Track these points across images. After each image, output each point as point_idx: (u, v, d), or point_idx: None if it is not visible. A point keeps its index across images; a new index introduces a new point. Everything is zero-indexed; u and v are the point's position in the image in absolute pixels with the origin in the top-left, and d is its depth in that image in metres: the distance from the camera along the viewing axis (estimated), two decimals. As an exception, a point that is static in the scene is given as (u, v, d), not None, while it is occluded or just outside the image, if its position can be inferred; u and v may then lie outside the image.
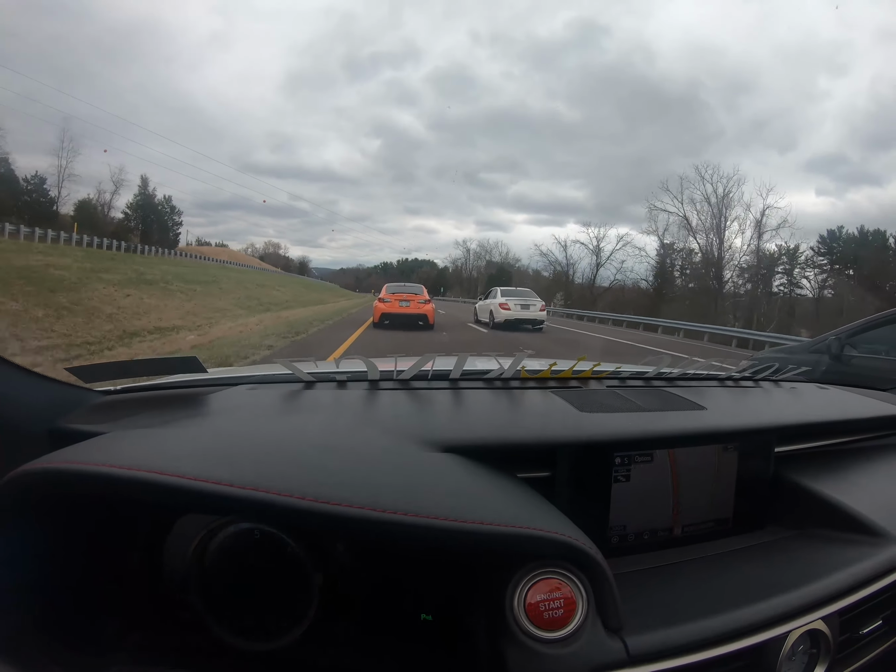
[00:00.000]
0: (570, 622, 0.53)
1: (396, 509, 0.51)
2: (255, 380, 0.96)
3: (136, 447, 0.60)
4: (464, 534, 0.51)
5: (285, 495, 0.50)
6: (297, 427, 0.72)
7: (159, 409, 0.78)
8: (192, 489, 0.50)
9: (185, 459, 0.55)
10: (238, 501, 0.50)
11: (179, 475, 0.50)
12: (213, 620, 0.61)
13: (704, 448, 0.81)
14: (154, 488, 0.50)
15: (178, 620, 0.61)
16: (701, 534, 0.81)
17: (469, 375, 0.97)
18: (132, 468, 0.51)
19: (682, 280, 35.73)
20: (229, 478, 0.51)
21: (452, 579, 0.61)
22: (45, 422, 0.69)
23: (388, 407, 0.83)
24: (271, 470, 0.55)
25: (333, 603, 0.62)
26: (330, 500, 0.51)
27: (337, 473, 0.57)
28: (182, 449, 0.60)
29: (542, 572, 0.55)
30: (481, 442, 0.70)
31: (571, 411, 0.81)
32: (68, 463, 0.52)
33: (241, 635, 0.61)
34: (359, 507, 0.51)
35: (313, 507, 0.50)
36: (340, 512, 0.50)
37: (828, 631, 0.62)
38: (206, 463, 0.55)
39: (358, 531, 0.52)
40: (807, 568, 0.71)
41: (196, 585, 0.61)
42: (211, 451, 0.59)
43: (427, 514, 0.51)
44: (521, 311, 12.50)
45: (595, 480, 0.74)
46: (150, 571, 0.63)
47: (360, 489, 0.54)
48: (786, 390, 1.13)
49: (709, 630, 0.58)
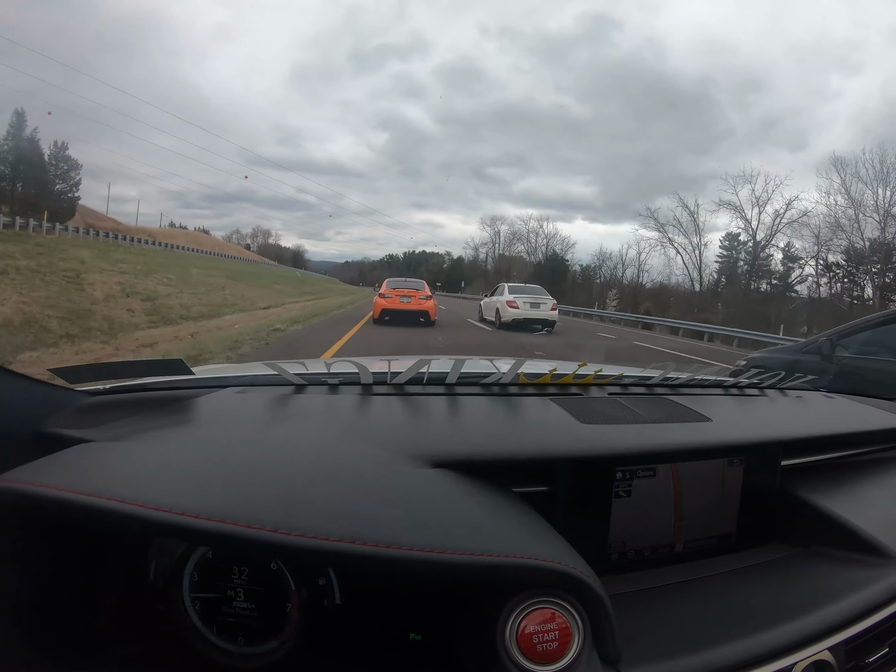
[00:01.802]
0: (564, 655, 0.50)
1: (372, 540, 0.48)
2: (243, 381, 0.94)
3: (105, 466, 0.58)
4: (456, 566, 0.49)
5: (255, 528, 0.47)
6: (283, 441, 0.69)
7: (143, 413, 0.76)
8: (155, 520, 0.47)
9: (155, 483, 0.53)
10: (205, 534, 0.47)
11: (143, 504, 0.47)
12: (194, 635, 0.59)
13: (709, 462, 0.78)
14: (115, 517, 0.48)
15: (162, 635, 0.59)
16: (703, 550, 0.78)
17: (466, 379, 0.95)
18: (93, 494, 0.48)
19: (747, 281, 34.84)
20: (196, 508, 0.48)
21: (441, 603, 0.59)
22: (30, 424, 0.68)
23: (380, 416, 0.81)
24: (246, 497, 0.52)
25: (318, 617, 0.60)
26: (306, 532, 0.47)
27: (319, 500, 0.54)
28: (155, 469, 0.57)
29: (537, 601, 0.52)
30: (477, 457, 0.67)
31: (572, 422, 0.78)
32: (28, 484, 0.50)
33: (223, 650, 0.59)
34: (339, 541, 0.47)
35: (287, 540, 0.47)
36: (317, 546, 0.47)
37: (833, 661, 0.60)
38: (175, 488, 0.52)
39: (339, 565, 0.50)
40: (812, 591, 0.68)
41: (178, 599, 0.59)
42: (184, 473, 0.57)
43: (415, 546, 0.48)
44: (530, 309, 11.65)
45: (595, 496, 0.71)
46: (132, 583, 0.61)
47: (343, 519, 0.50)
48: (792, 399, 1.10)
49: (711, 663, 0.55)
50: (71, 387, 0.80)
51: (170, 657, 0.59)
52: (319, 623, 0.60)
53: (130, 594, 0.62)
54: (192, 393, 0.84)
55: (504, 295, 12.27)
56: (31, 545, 0.55)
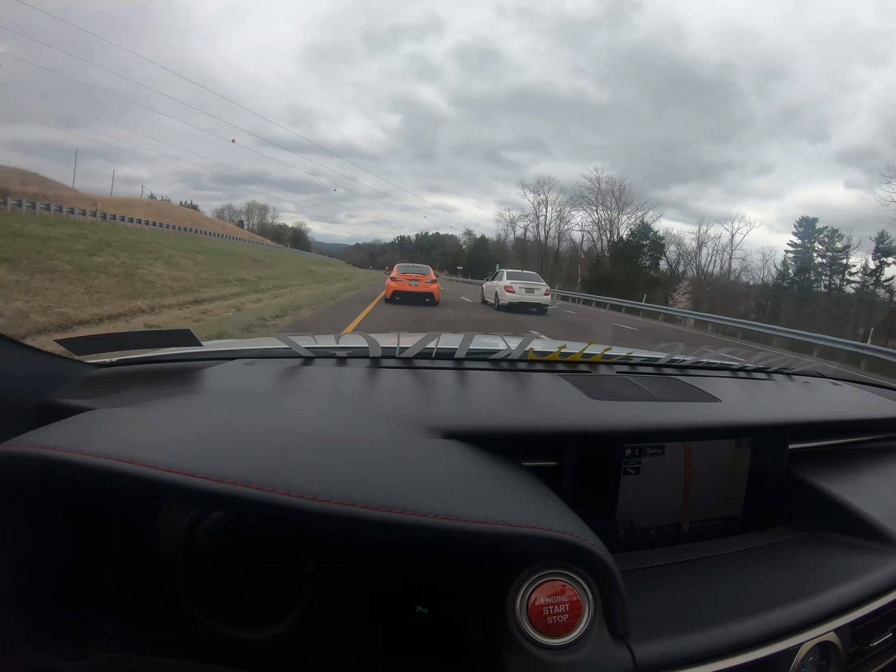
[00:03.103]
0: (574, 628, 0.50)
1: (393, 507, 0.47)
2: (252, 354, 0.93)
3: (113, 431, 0.57)
4: (467, 534, 0.48)
5: (267, 490, 0.46)
6: (291, 409, 0.69)
7: (151, 384, 0.75)
8: (165, 481, 0.46)
9: (164, 446, 0.52)
10: (215, 496, 0.46)
11: (152, 465, 0.46)
12: (199, 607, 0.58)
13: (719, 442, 0.78)
14: (124, 479, 0.47)
15: (165, 606, 0.59)
16: (709, 531, 0.78)
17: (475, 355, 0.94)
18: (101, 456, 0.47)
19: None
20: (206, 469, 0.47)
21: (449, 573, 0.58)
22: (35, 395, 0.67)
23: (389, 387, 0.80)
24: (257, 460, 0.51)
25: (325, 590, 0.59)
26: (318, 496, 0.46)
27: (330, 465, 0.53)
28: (164, 433, 0.57)
29: (547, 573, 0.51)
30: (487, 429, 0.66)
31: (582, 398, 0.78)
32: (35, 447, 0.49)
33: (228, 623, 0.58)
34: (351, 505, 0.46)
35: (299, 503, 0.46)
36: (330, 510, 0.46)
37: (839, 643, 0.60)
38: (185, 451, 0.51)
39: (351, 530, 0.49)
40: (817, 575, 0.68)
41: (183, 570, 0.58)
42: (195, 437, 0.56)
43: (428, 513, 0.48)
44: (525, 294, 12.70)
45: (604, 472, 0.70)
46: (135, 556, 0.60)
47: (355, 484, 0.50)
48: (799, 385, 1.09)
49: (718, 640, 0.55)
50: (77, 358, 0.80)
51: (172, 631, 0.59)
52: (326, 596, 0.60)
53: (131, 567, 0.61)
54: (199, 364, 0.84)
55: (503, 280, 13.17)
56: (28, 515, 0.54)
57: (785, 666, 0.57)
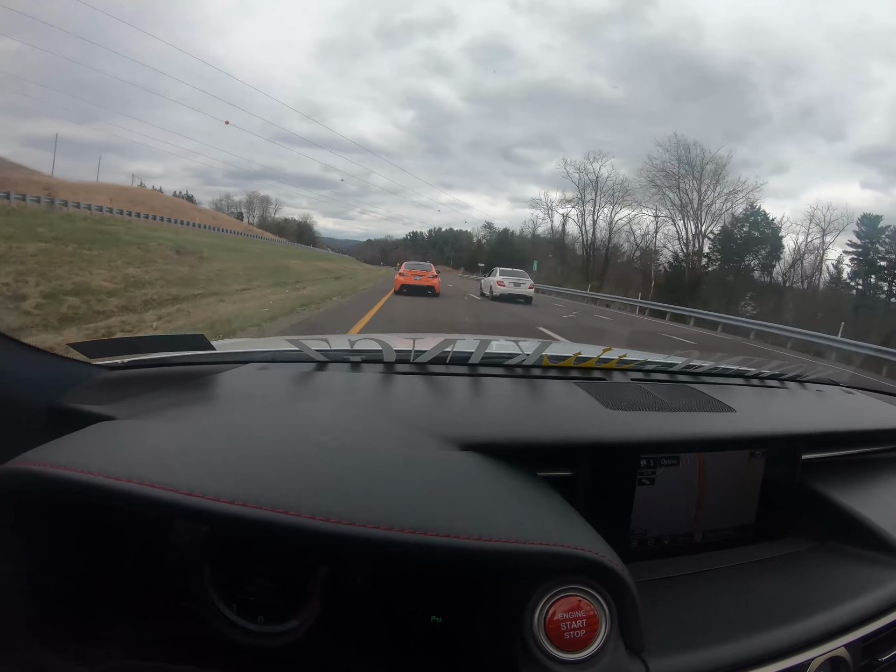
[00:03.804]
0: (591, 643, 0.50)
1: (409, 527, 0.47)
2: (265, 357, 0.93)
3: (129, 447, 0.57)
4: (486, 553, 0.48)
5: (292, 514, 0.46)
6: (306, 421, 0.69)
7: (163, 389, 0.75)
8: (187, 506, 0.46)
9: (179, 466, 0.52)
10: (241, 521, 0.46)
11: (174, 489, 0.47)
12: (213, 612, 0.58)
13: (732, 453, 0.78)
14: (145, 502, 0.47)
15: (179, 612, 0.59)
16: (721, 541, 0.78)
17: (490, 360, 0.94)
18: (120, 479, 0.47)
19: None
20: (231, 493, 0.47)
21: (463, 586, 0.58)
22: (47, 399, 0.67)
23: (404, 395, 0.80)
24: (283, 482, 0.51)
25: (339, 597, 0.60)
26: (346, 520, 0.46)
27: (356, 486, 0.53)
28: (178, 450, 0.56)
29: (565, 589, 0.51)
30: (504, 440, 0.66)
31: (598, 408, 0.77)
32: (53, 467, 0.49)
33: (240, 630, 0.58)
34: (372, 527, 0.47)
35: (330, 528, 0.46)
36: (351, 533, 0.46)
37: (849, 658, 0.60)
38: (203, 472, 0.51)
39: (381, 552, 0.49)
40: (829, 587, 0.68)
41: (197, 575, 0.59)
42: (209, 455, 0.56)
43: (453, 533, 0.48)
44: (513, 287, 15.71)
45: (619, 483, 0.71)
46: (149, 562, 0.60)
47: (372, 505, 0.50)
48: (812, 393, 1.09)
49: (732, 655, 0.55)
50: (89, 361, 0.79)
51: (184, 636, 0.59)
52: (340, 603, 0.60)
53: (144, 572, 0.61)
54: (212, 368, 0.83)
55: (496, 276, 16.42)
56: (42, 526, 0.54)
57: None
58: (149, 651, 0.57)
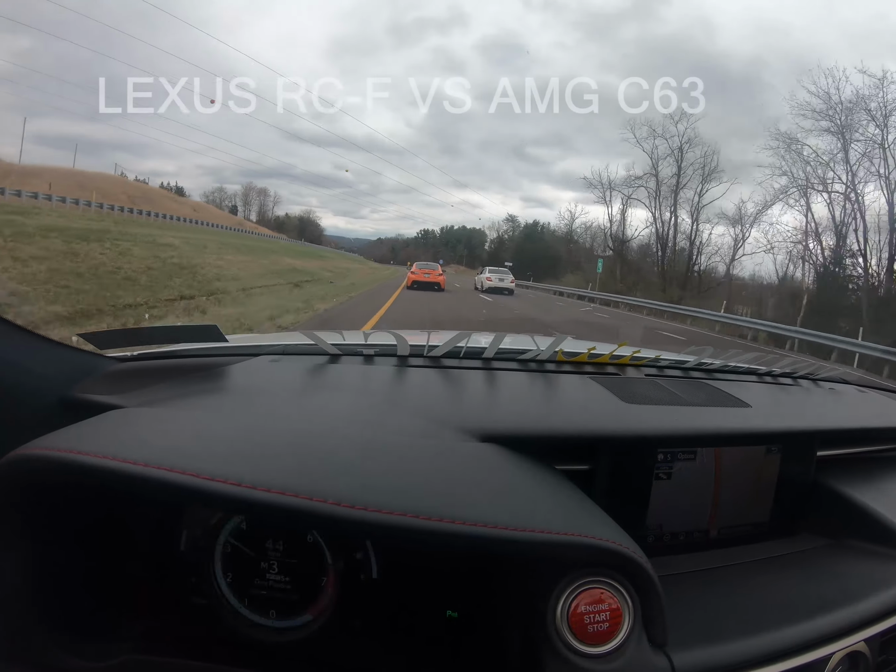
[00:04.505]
0: (615, 636, 0.50)
1: (435, 515, 0.46)
2: (278, 350, 0.92)
3: (144, 433, 0.56)
4: (512, 542, 0.48)
5: (318, 500, 0.45)
6: (322, 410, 0.68)
7: (175, 380, 0.74)
8: (205, 490, 0.45)
9: (198, 452, 0.51)
10: (256, 504, 0.46)
11: (194, 473, 0.46)
12: (225, 607, 0.58)
13: (749, 449, 0.78)
14: (163, 487, 0.46)
15: (190, 608, 0.59)
16: (736, 537, 0.78)
17: (503, 355, 0.94)
18: (139, 462, 0.46)
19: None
20: (245, 477, 0.46)
21: (485, 580, 0.58)
22: (57, 390, 0.67)
23: (419, 387, 0.80)
24: (293, 467, 0.50)
25: (353, 592, 0.59)
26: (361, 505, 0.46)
27: (366, 471, 0.52)
28: (195, 438, 0.56)
29: (588, 581, 0.51)
30: (523, 432, 0.66)
31: (615, 402, 0.77)
32: (68, 452, 0.48)
33: (253, 626, 0.58)
34: (399, 514, 0.46)
35: (342, 513, 0.45)
36: (375, 520, 0.45)
37: (868, 653, 0.60)
38: (221, 457, 0.50)
39: (392, 538, 0.49)
40: (846, 583, 0.68)
41: (208, 570, 0.58)
42: (225, 441, 0.55)
43: (477, 522, 0.47)
44: (498, 282, 20.37)
45: (636, 477, 0.71)
46: (160, 556, 0.60)
47: (395, 492, 0.49)
48: (825, 391, 1.08)
49: (753, 649, 0.55)
50: (100, 352, 0.79)
51: (195, 631, 0.59)
52: (354, 598, 0.59)
53: (155, 568, 0.60)
54: (224, 360, 0.82)
55: (485, 274, 21.44)
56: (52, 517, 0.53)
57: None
58: (158, 646, 0.57)
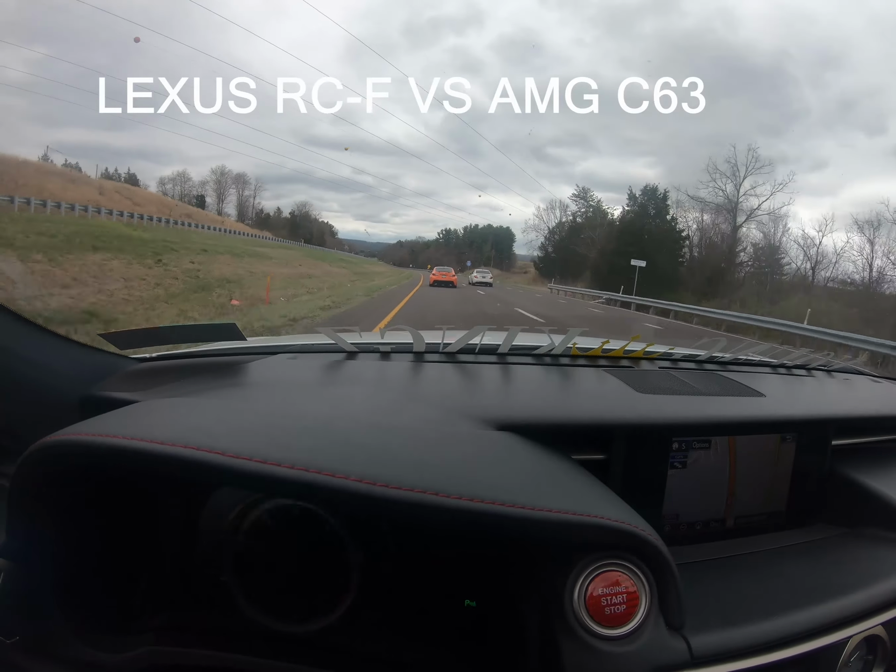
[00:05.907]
0: (632, 618, 0.50)
1: (455, 493, 0.47)
2: (296, 349, 0.94)
3: (170, 418, 0.57)
4: (530, 522, 0.48)
5: (341, 477, 0.46)
6: (342, 400, 0.69)
7: (195, 377, 0.76)
8: (235, 468, 0.46)
9: (224, 434, 0.51)
10: (284, 481, 0.46)
11: (221, 452, 0.46)
12: (245, 599, 0.59)
13: (763, 438, 0.77)
14: (192, 465, 0.47)
15: (210, 599, 0.60)
16: (753, 526, 0.77)
17: (518, 350, 0.94)
18: (167, 443, 0.47)
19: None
20: (271, 455, 0.47)
21: (503, 565, 0.58)
22: (78, 389, 0.68)
23: (436, 381, 0.81)
24: (317, 447, 0.51)
25: (373, 583, 0.59)
26: (384, 482, 0.46)
27: (388, 452, 0.53)
28: (219, 422, 0.56)
29: (605, 564, 0.51)
30: (538, 421, 0.66)
31: (628, 392, 0.77)
32: (99, 436, 0.49)
33: (275, 616, 0.59)
34: (419, 492, 0.47)
35: (369, 490, 0.46)
36: (398, 496, 0.46)
37: (886, 637, 0.60)
38: (246, 438, 0.51)
39: (414, 516, 0.49)
40: (862, 570, 0.68)
41: (230, 562, 0.59)
42: (251, 425, 0.56)
43: (491, 500, 0.48)
44: (481, 278, 26.69)
45: (651, 466, 0.71)
46: (181, 548, 0.61)
47: (417, 470, 0.50)
48: (839, 381, 1.08)
49: (770, 632, 0.55)
50: (121, 352, 0.80)
51: (217, 622, 0.59)
52: (374, 589, 0.60)
53: (178, 558, 0.61)
54: (242, 359, 0.83)
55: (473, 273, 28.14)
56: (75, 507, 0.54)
57: (834, 658, 0.57)
58: (178, 638, 0.58)
